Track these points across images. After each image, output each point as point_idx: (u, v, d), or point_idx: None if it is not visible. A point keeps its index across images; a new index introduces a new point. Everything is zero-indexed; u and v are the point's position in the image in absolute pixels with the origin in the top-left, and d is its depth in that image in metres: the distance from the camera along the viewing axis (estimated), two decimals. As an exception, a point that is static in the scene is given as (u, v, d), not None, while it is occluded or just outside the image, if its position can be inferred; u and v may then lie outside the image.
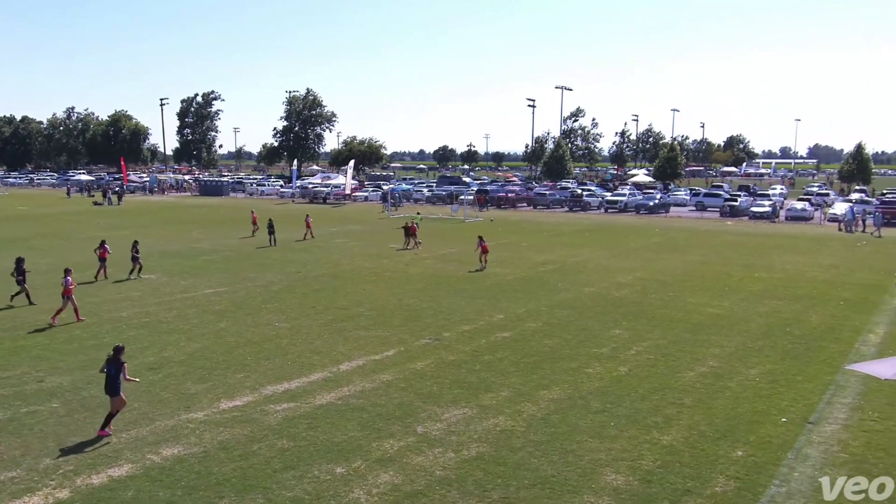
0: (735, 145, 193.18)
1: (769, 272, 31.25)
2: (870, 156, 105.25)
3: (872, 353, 18.36)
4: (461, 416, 13.82)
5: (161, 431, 12.90)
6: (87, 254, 32.55)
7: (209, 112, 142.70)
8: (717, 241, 43.39)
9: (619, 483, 11.12)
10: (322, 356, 17.66)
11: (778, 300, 25.01)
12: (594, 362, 17.40)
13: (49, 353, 17.65)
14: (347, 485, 10.95)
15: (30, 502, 10.35)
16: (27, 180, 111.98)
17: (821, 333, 20.49)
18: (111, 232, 45.08)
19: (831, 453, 12.33)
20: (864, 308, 23.90)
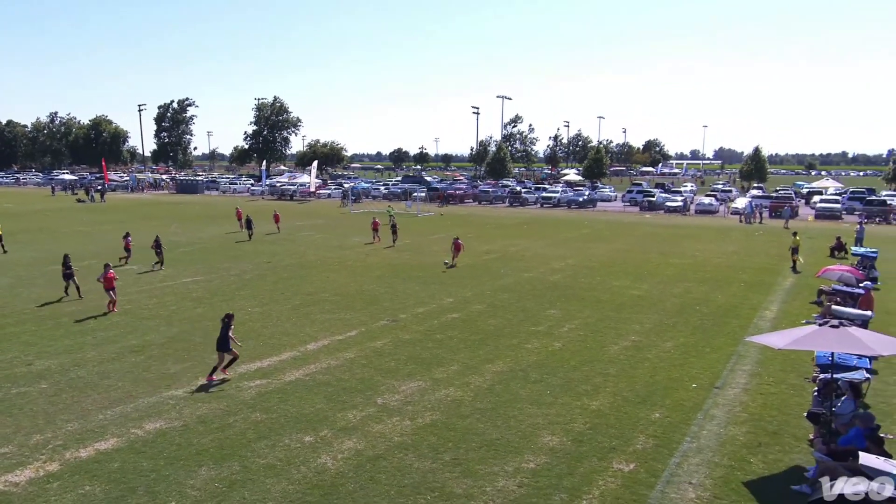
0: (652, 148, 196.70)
1: (681, 258, 32.02)
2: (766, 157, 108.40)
3: (768, 326, 18.98)
4: (416, 388, 13.84)
5: (144, 408, 12.60)
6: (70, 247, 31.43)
7: (184, 117, 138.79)
8: (637, 232, 44.24)
9: (554, 443, 11.30)
10: (291, 337, 17.46)
11: (689, 283, 25.66)
12: (532, 339, 17.59)
13: (37, 339, 17.03)
14: (315, 451, 10.88)
15: (22, 475, 10.00)
16: (13, 180, 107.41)
17: (725, 311, 21.10)
18: (95, 227, 43.67)
19: (734, 413, 12.75)
20: (760, 289, 24.70)
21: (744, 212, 53.35)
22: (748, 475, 10.33)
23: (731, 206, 60.79)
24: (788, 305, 22.12)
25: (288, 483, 9.86)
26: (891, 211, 55.67)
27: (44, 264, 28.55)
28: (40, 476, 10.00)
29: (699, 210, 61.60)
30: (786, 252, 31.28)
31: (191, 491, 9.61)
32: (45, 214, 53.09)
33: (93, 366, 14.99)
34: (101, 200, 67.64)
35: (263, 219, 42.76)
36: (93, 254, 31.00)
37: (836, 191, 74.04)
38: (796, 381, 14.53)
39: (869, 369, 13.61)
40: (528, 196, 71.29)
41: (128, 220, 48.69)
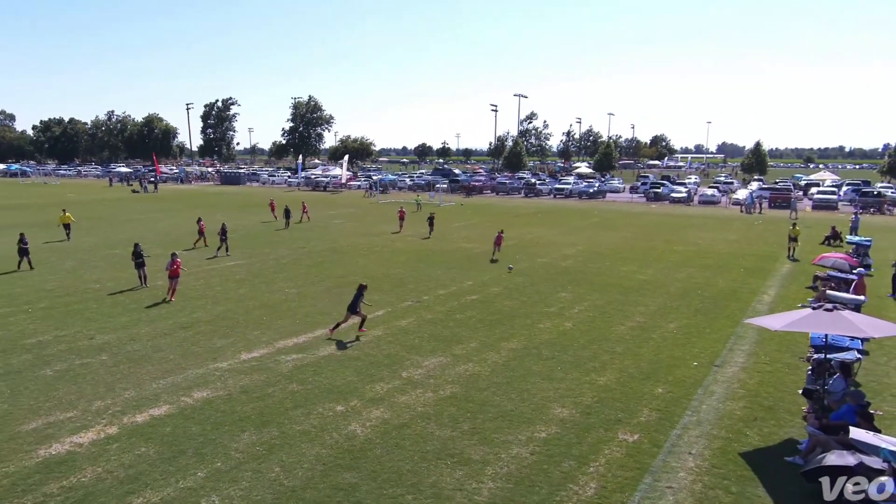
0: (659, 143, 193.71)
1: (685, 246, 31.63)
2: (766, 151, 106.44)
3: (765, 309, 18.72)
4: (438, 363, 13.91)
5: (193, 378, 12.83)
6: (126, 233, 32.02)
7: (228, 115, 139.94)
8: (643, 221, 43.75)
9: (564, 415, 11.30)
10: (324, 316, 17.61)
11: (692, 268, 25.36)
12: (545, 319, 17.56)
13: (98, 316, 17.40)
14: (346, 419, 11.01)
15: (85, 437, 10.28)
16: (75, 172, 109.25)
17: (725, 295, 20.85)
18: (148, 215, 44.31)
19: (732, 389, 12.64)
20: (759, 274, 24.33)
21: (744, 203, 52.48)
22: (744, 447, 10.25)
23: (732, 198, 59.82)
24: (785, 290, 21.78)
25: (321, 447, 10.01)
26: (884, 202, 54.35)
27: (103, 248, 29.11)
28: (101, 438, 10.27)
29: (702, 201, 60.67)
30: (784, 241, 30.74)
31: (234, 453, 9.80)
32: (104, 203, 53.99)
33: (147, 340, 15.28)
34: (154, 191, 68.49)
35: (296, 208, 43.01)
36: (146, 239, 31.48)
37: (833, 183, 72.44)
38: (791, 360, 14.33)
39: (860, 350, 13.40)
40: (542, 187, 70.78)
41: (180, 208, 49.34)
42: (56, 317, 17.25)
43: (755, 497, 8.84)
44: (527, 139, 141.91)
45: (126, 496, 8.63)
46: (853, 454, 8.74)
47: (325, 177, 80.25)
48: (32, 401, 11.66)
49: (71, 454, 9.75)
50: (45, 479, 9.04)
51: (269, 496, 8.66)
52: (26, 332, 15.87)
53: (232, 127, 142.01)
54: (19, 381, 12.61)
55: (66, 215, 32.10)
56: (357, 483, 9.01)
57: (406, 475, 9.23)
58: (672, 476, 9.33)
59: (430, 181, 72.94)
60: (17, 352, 14.33)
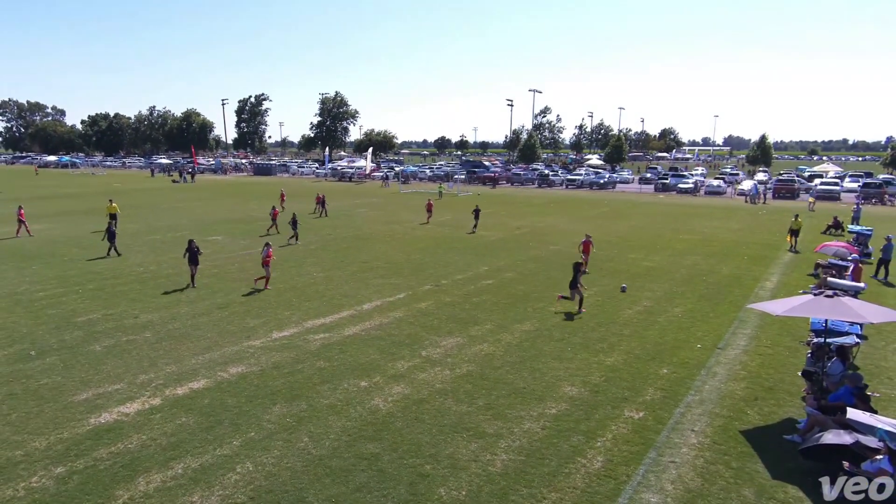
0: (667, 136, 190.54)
1: (691, 234, 31.23)
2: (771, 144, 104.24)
3: (768, 295, 18.47)
4: (455, 343, 13.96)
5: (228, 355, 13.04)
6: (167, 220, 32.44)
7: (260, 109, 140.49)
8: (651, 211, 43.24)
9: (573, 393, 11.31)
10: (349, 298, 17.75)
11: (697, 256, 25.06)
12: (556, 303, 17.51)
13: (142, 297, 17.72)
14: (369, 394, 11.13)
15: (131, 407, 10.53)
16: (120, 164, 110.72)
17: (729, 281, 20.59)
18: (187, 203, 44.84)
19: (734, 371, 12.53)
20: (762, 262, 23.98)
21: (749, 193, 51.56)
22: (745, 425, 10.18)
23: (737, 188, 58.79)
24: (787, 277, 21.44)
25: (346, 420, 10.14)
26: (885, 192, 53.03)
27: (146, 234, 29.57)
28: (146, 409, 10.51)
29: (708, 192, 59.75)
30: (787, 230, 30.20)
31: (266, 424, 9.97)
32: (146, 192, 54.75)
33: (186, 319, 15.52)
34: (192, 181, 69.23)
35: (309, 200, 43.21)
36: (183, 226, 31.95)
37: (836, 174, 70.86)
38: (792, 344, 14.15)
39: (859, 335, 13.19)
40: (555, 178, 70.22)
41: (216, 197, 49.85)
42: (104, 297, 17.61)
43: (754, 472, 8.79)
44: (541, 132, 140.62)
45: (168, 461, 8.84)
46: (850, 433, 8.64)
47: (350, 168, 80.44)
48: (83, 373, 11.95)
49: (118, 423, 10.01)
50: (96, 445, 9.29)
51: (298, 464, 8.82)
52: (77, 310, 16.23)
53: (264, 121, 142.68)
54: (71, 355, 12.92)
55: (113, 205, 30.92)
56: (379, 453, 9.12)
57: (425, 446, 9.32)
58: (675, 451, 9.30)
59: (449, 172, 72.76)
60: (69, 329, 14.68)
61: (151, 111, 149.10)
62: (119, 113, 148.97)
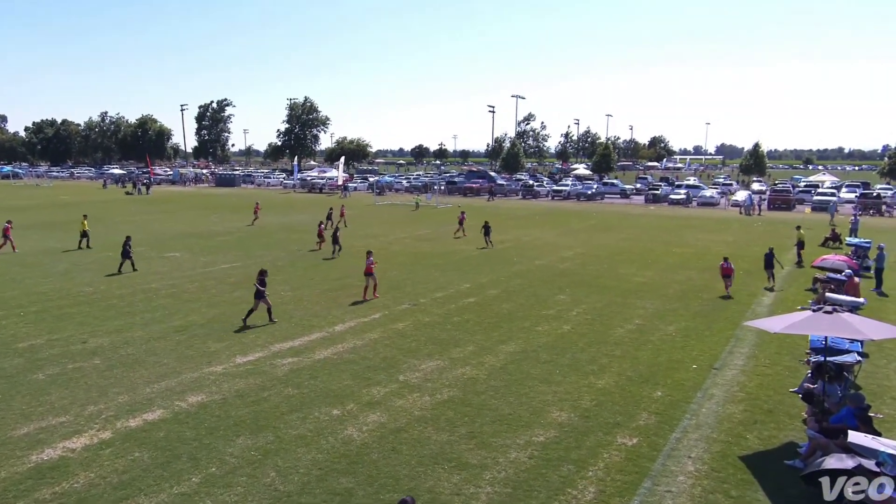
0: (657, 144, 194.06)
1: (683, 248, 31.69)
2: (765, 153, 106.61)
3: (764, 312, 18.75)
4: (435, 366, 13.90)
5: (187, 382, 12.80)
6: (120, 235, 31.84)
7: (222, 116, 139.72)
8: (642, 223, 43.82)
9: (562, 419, 11.31)
10: (320, 319, 17.60)
11: (690, 270, 25.40)
12: (543, 322, 17.56)
13: (91, 319, 17.35)
14: (342, 424, 11.00)
15: (78, 442, 10.24)
16: (68, 174, 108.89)
17: (724, 297, 20.87)
18: (143, 217, 44.18)
19: (731, 392, 12.66)
20: (758, 276, 24.33)
21: (743, 204, 52.57)
22: (744, 450, 10.27)
23: (731, 199, 59.91)
24: (785, 292, 21.83)
25: (317, 452, 9.99)
26: (883, 203, 54.54)
27: (96, 251, 29.04)
28: (94, 443, 10.23)
29: (701, 203, 60.79)
30: (784, 242, 30.80)
31: (229, 458, 9.78)
32: (98, 205, 53.82)
33: (141, 344, 15.23)
34: (148, 193, 68.44)
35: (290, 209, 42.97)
36: (140, 241, 31.45)
37: (832, 184, 72.67)
38: (791, 363, 14.36)
39: (860, 352, 13.42)
40: (540, 189, 70.82)
41: (174, 210, 49.25)
42: (49, 320, 17.20)
43: (755, 501, 8.85)
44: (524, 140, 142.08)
45: (119, 502, 8.59)
46: (852, 457, 8.76)
47: (320, 178, 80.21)
48: (24, 405, 11.61)
49: (63, 459, 9.72)
50: (38, 485, 8.99)
51: (264, 501, 8.64)
52: (18, 335, 15.81)
53: (227, 128, 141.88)
54: (11, 385, 12.56)
55: (84, 222, 30.36)
56: (353, 488, 8.99)
57: (403, 480, 9.22)
58: (671, 480, 9.33)
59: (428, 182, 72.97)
60: (8, 356, 14.28)
61: (103, 117, 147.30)
62: (67, 119, 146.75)
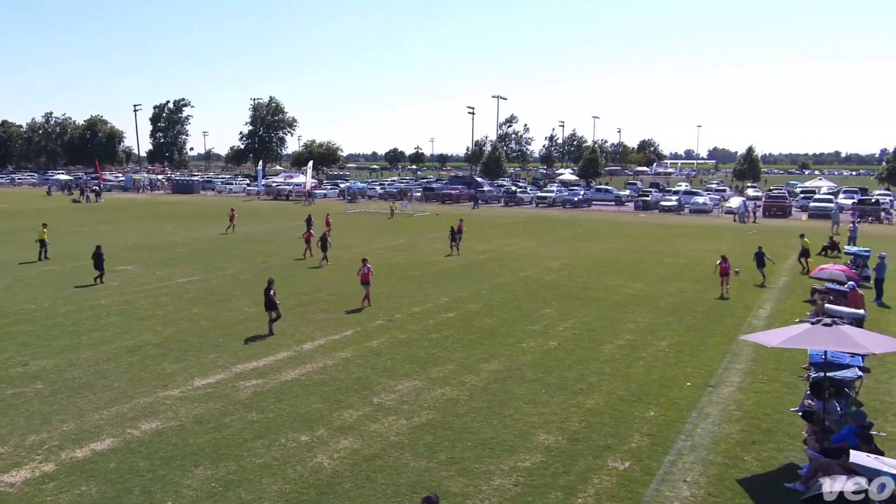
0: (647, 148, 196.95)
1: (675, 257, 32.07)
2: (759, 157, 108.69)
3: (762, 325, 19.02)
4: (412, 387, 13.84)
5: (140, 408, 12.56)
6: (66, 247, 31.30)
7: (180, 117, 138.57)
8: (631, 231, 44.29)
9: (549, 442, 11.31)
10: (287, 337, 17.43)
11: (683, 281, 25.71)
12: (528, 338, 17.60)
13: (33, 339, 16.96)
14: (311, 451, 10.87)
15: (18, 475, 9.96)
16: (8, 180, 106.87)
17: (719, 310, 21.15)
18: (92, 227, 43.44)
19: (728, 411, 12.79)
20: (754, 287, 24.74)
21: (737, 211, 53.40)
22: (742, 473, 10.36)
23: (724, 206, 60.86)
24: (782, 304, 22.19)
25: (284, 482, 9.85)
26: (882, 209, 55.86)
27: (40, 264, 28.45)
28: (36, 476, 9.96)
29: (693, 209, 61.67)
30: (780, 251, 31.34)
31: (187, 491, 9.59)
32: (41, 214, 52.77)
33: (88, 366, 14.93)
34: (97, 200, 67.47)
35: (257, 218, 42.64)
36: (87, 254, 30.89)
37: (829, 190, 74.27)
38: (790, 379, 14.57)
39: (861, 367, 13.66)
40: (524, 195, 71.31)
41: (126, 219, 48.55)
42: (-15, 341, 16.78)
43: (754, 527, 8.91)
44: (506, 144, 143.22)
45: (64, 541, 8.36)
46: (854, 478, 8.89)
47: (287, 184, 79.81)
48: (-43, 436, 11.28)
49: (1, 495, 9.43)
50: (-29, 525, 8.72)
51: (225, 538, 8.48)
52: (-49, 358, 15.39)
53: (184, 130, 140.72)
54: (-58, 413, 12.20)
55: (43, 230, 29.85)
56: (324, 521, 8.87)
57: (378, 511, 9.12)
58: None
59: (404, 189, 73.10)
60: (-60, 381, 13.88)
61: (48, 118, 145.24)
62: (7, 120, 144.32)
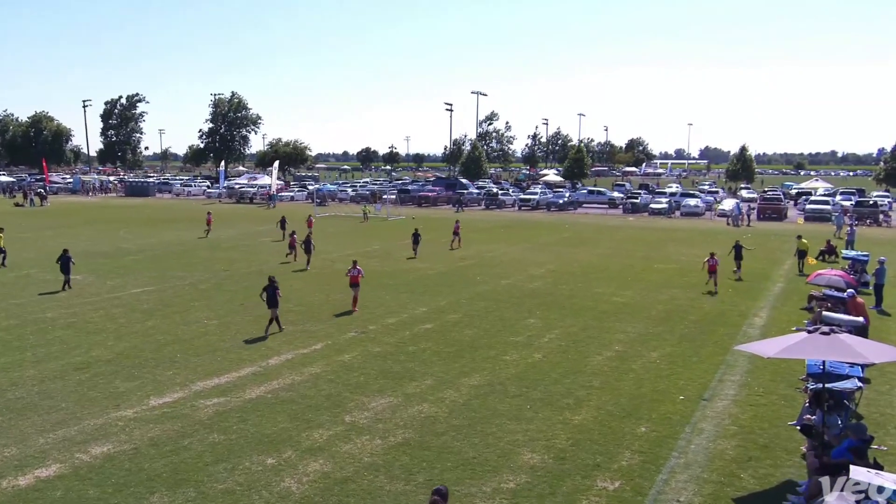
0: (635, 147, 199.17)
1: (667, 263, 32.41)
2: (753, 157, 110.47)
3: (757, 334, 19.26)
4: (387, 404, 13.78)
5: (90, 430, 12.35)
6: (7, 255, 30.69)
7: (133, 114, 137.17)
8: (620, 236, 44.68)
9: (535, 461, 11.32)
10: (251, 351, 17.28)
11: (675, 289, 25.98)
12: (511, 350, 17.64)
13: (-30, 356, 16.59)
14: (279, 475, 10.77)
15: (-48, 507, 9.73)
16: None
17: (712, 318, 21.40)
18: (37, 233, 42.66)
19: (723, 426, 12.92)
20: (749, 294, 25.09)
21: (731, 214, 54.09)
22: (738, 491, 10.46)
23: (717, 208, 61.64)
24: (778, 312, 22.51)
25: (248, 509, 9.73)
26: (881, 212, 56.93)
27: (-22, 274, 27.86)
28: (-26, 507, 9.74)
29: (684, 212, 62.40)
30: (775, 256, 31.85)
31: (142, 520, 9.43)
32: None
33: (32, 385, 14.66)
34: (42, 204, 66.52)
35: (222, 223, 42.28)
36: (30, 261, 30.39)
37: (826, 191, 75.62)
38: (787, 391, 14.77)
39: (861, 378, 13.89)
40: (506, 198, 71.65)
41: (74, 224, 47.81)
42: (-83, 359, 16.38)
43: (752, 549, 9.00)
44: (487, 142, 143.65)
45: (5, 578, 8.18)
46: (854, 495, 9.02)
47: (251, 186, 79.28)
48: None
49: (-66, 529, 9.21)
50: None
51: (184, 571, 8.35)
52: None
53: (139, 128, 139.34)
54: None
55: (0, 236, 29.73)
56: (292, 551, 8.78)
57: (351, 539, 9.05)
58: (659, 528, 9.42)
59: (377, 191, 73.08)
60: None
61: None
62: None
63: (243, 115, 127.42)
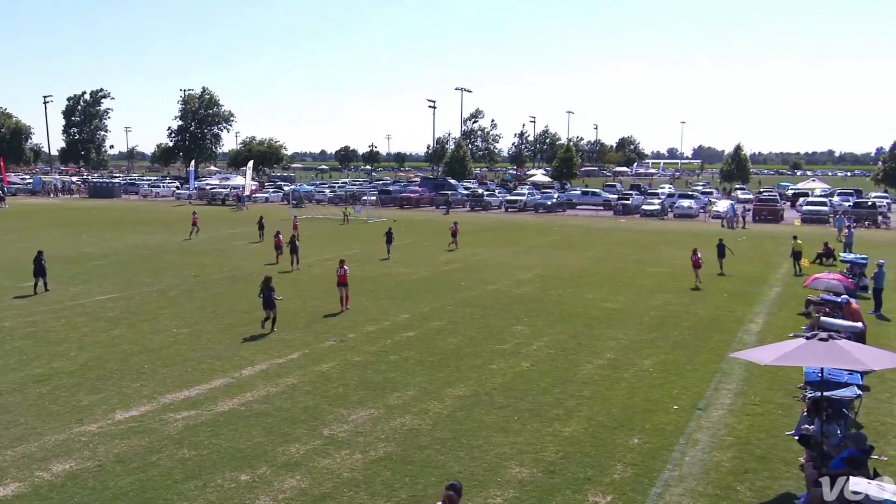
0: (626, 146, 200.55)
1: (659, 267, 32.62)
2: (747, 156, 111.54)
3: (753, 341, 19.43)
4: (368, 416, 13.75)
5: (51, 446, 12.21)
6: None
7: (98, 111, 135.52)
8: (611, 239, 44.92)
9: (523, 476, 11.33)
10: (224, 361, 17.16)
11: (668, 294, 26.14)
12: (498, 358, 17.67)
13: (-78, 369, 16.35)
14: (253, 492, 10.70)
15: None
16: None
17: (707, 324, 21.56)
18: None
19: (719, 437, 13.02)
20: (745, 300, 25.32)
21: (725, 216, 54.55)
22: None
23: (711, 210, 62.14)
24: (775, 317, 22.72)
25: (221, 529, 9.66)
26: (880, 213, 57.64)
27: (-70, 281, 27.44)
28: (-75, 530, 9.59)
29: (678, 214, 62.84)
30: (771, 259, 32.16)
31: (107, 542, 9.33)
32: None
33: (-11, 399, 14.46)
34: (0, 206, 65.83)
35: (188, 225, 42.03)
36: (-11, 268, 29.98)
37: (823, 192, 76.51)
38: (784, 399, 14.91)
39: (861, 385, 14.04)
40: (492, 199, 71.82)
41: (34, 227, 47.29)
42: None
43: (749, 565, 9.06)
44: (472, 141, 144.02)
45: None
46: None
47: (223, 187, 78.88)
48: None
49: None
50: None
51: None
52: None
53: (103, 126, 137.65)
54: None
55: None
56: (267, 572, 8.73)
57: (329, 559, 9.01)
58: (652, 544, 9.46)
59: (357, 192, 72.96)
60: None
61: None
62: None
63: (215, 112, 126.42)
